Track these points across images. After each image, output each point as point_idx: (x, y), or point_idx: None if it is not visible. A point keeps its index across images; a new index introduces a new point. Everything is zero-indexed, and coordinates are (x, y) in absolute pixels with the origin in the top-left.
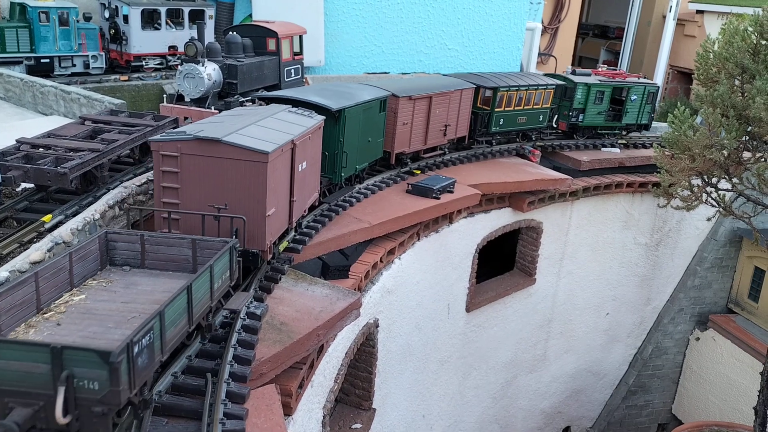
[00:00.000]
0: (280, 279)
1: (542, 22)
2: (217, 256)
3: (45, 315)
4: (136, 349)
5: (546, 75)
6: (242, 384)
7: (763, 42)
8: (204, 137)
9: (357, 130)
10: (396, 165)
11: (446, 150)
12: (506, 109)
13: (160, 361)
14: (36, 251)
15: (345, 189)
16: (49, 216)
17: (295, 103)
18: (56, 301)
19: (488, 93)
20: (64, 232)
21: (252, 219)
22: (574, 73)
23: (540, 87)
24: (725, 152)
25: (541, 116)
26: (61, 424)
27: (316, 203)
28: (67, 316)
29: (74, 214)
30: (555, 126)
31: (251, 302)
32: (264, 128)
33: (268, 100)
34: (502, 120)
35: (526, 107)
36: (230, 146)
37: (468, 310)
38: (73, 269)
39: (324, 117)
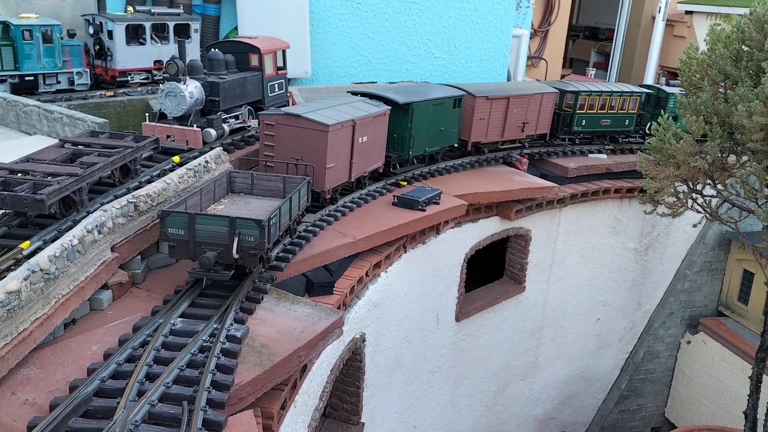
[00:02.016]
0: (262, 299)
1: (532, 25)
2: (300, 186)
3: None
4: (270, 222)
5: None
6: (220, 411)
7: (745, 48)
8: (290, 113)
9: (426, 121)
10: (473, 151)
11: (525, 144)
12: (588, 111)
13: (278, 235)
14: (12, 280)
15: (415, 165)
16: (27, 243)
17: (376, 97)
18: (208, 209)
19: (571, 97)
20: (41, 259)
21: (317, 169)
22: (667, 84)
23: (625, 94)
24: (709, 158)
25: (627, 120)
26: (234, 258)
27: (380, 170)
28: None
29: (53, 240)
30: (648, 131)
31: (231, 324)
32: (336, 110)
33: (358, 94)
34: (584, 121)
35: (609, 111)
36: (306, 119)
37: (458, 319)
38: (215, 190)
39: (390, 108)
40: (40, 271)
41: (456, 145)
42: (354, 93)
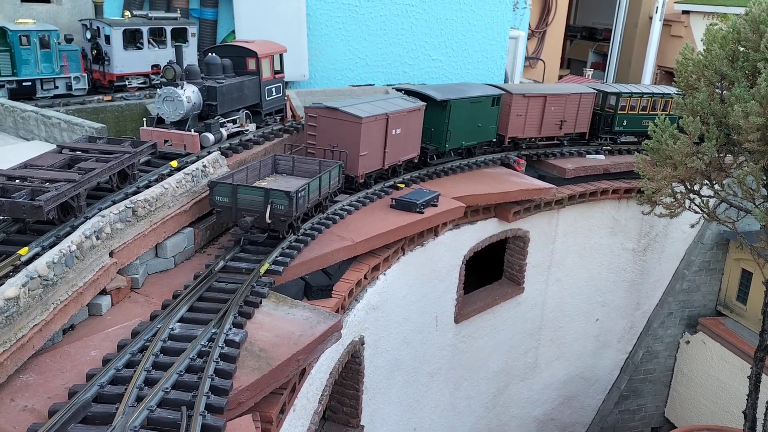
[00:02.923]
0: (261, 303)
1: (530, 26)
2: (331, 168)
3: None
4: (298, 195)
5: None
6: (218, 416)
7: (741, 49)
8: (330, 106)
9: (463, 116)
10: (510, 146)
11: (564, 141)
12: (630, 112)
13: (306, 207)
14: (11, 287)
15: (452, 158)
16: (26, 249)
17: (416, 94)
18: (253, 184)
19: (612, 98)
20: (39, 266)
21: (351, 156)
22: None
23: (666, 96)
24: (706, 159)
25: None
26: (267, 223)
27: (415, 160)
28: None
29: (52, 246)
30: None
31: (230, 329)
32: (373, 105)
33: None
34: (625, 121)
35: (651, 112)
36: (343, 112)
37: (457, 321)
38: (260, 169)
39: (425, 104)
40: (38, 277)
41: (494, 140)
42: (398, 90)
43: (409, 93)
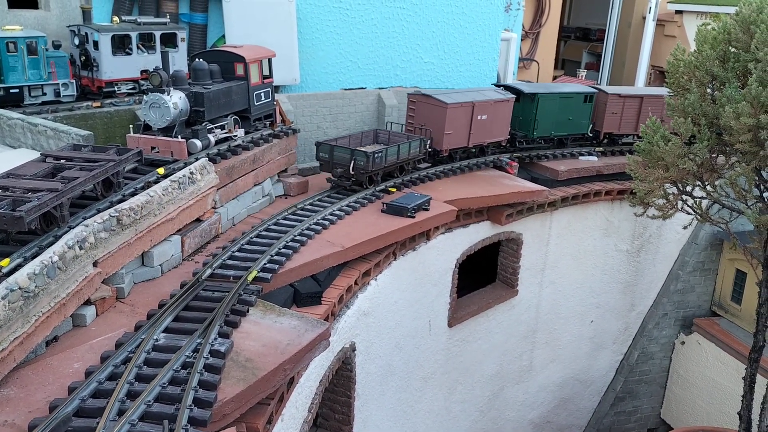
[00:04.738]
0: (248, 311)
1: (523, 27)
2: (411, 140)
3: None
4: (374, 156)
5: None
6: (202, 429)
7: (732, 49)
8: (425, 94)
9: (552, 109)
10: (605, 141)
11: None
12: None
13: (383, 166)
14: None
15: (541, 145)
16: (7, 260)
17: (510, 89)
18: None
19: None
20: (20, 277)
21: (437, 133)
22: None
23: None
24: (698, 160)
25: None
26: (351, 174)
27: (503, 143)
28: None
29: (34, 256)
30: None
31: (216, 338)
32: (462, 95)
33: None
34: None
35: None
36: (434, 99)
37: (450, 325)
38: (363, 138)
39: (514, 96)
40: (19, 289)
41: (590, 134)
42: (497, 86)
43: (506, 87)
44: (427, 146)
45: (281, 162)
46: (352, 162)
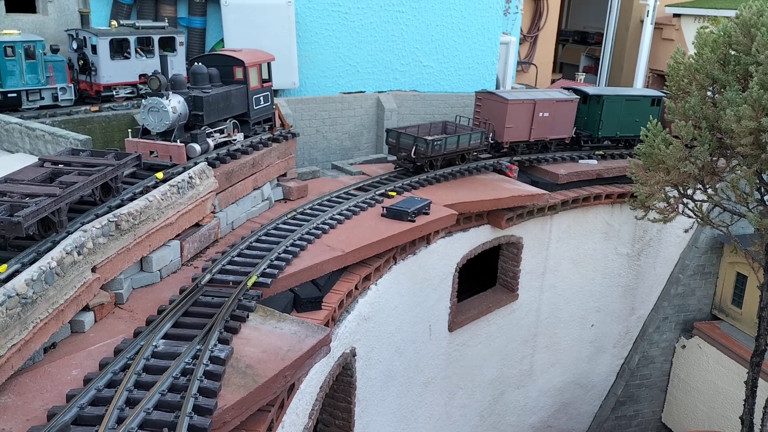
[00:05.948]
0: (248, 317)
1: (521, 31)
2: (472, 132)
3: None
4: (434, 143)
5: None
6: None
7: (732, 52)
8: (489, 91)
9: (617, 111)
10: None
11: None
12: None
13: (442, 153)
14: None
15: (605, 144)
16: (5, 266)
17: (576, 91)
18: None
19: None
20: (17, 284)
21: (499, 128)
22: None
23: None
24: (699, 163)
25: None
26: (413, 157)
27: (567, 140)
28: None
29: (32, 262)
30: None
31: (215, 345)
32: (526, 93)
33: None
34: None
35: None
36: (497, 95)
37: (450, 329)
38: (431, 129)
39: (578, 97)
40: (16, 296)
41: None
42: (566, 88)
43: (573, 90)
44: (489, 138)
45: (281, 166)
46: (414, 147)
